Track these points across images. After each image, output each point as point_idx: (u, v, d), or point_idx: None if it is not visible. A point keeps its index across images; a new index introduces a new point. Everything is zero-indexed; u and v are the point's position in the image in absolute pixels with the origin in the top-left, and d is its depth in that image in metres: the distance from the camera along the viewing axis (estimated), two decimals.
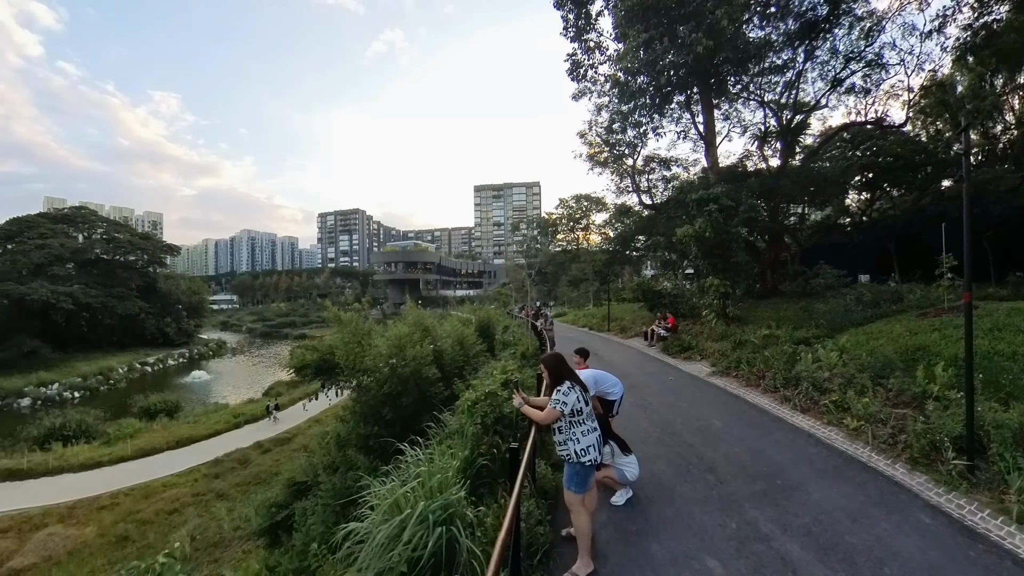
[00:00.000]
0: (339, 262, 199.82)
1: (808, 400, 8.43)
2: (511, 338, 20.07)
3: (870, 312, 13.65)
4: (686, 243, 17.69)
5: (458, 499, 4.38)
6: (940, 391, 6.93)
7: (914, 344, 9.13)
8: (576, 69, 24.38)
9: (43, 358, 51.96)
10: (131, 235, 74.75)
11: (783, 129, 24.19)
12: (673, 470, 6.11)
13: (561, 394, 4.05)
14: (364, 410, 12.77)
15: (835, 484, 5.55)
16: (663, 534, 4.64)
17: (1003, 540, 4.32)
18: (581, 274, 46.92)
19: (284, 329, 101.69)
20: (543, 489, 5.54)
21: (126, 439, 28.49)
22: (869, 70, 22.33)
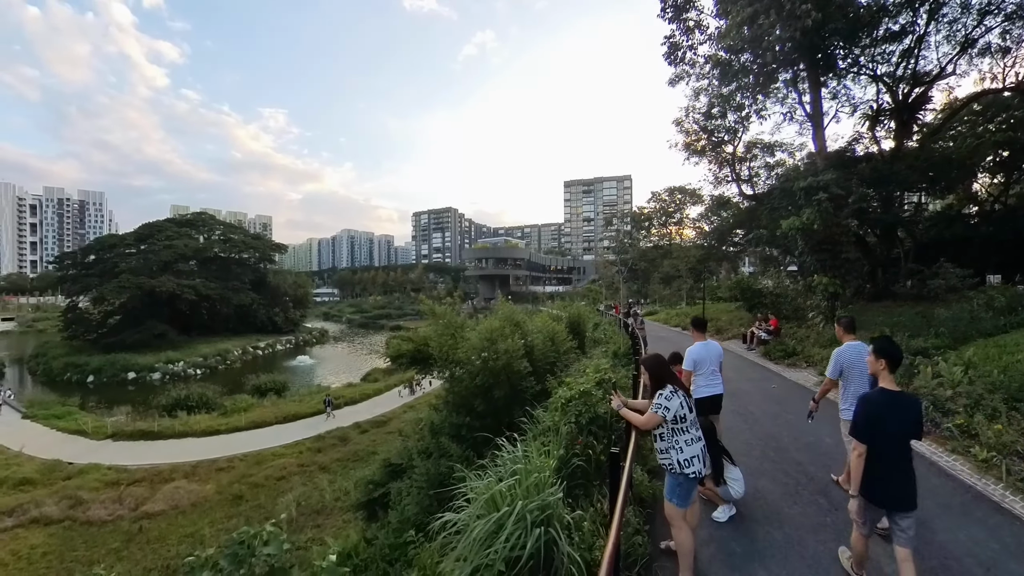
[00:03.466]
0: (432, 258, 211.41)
1: (928, 422, 7.67)
2: (602, 336, 19.95)
3: (1003, 320, 12.06)
4: (791, 236, 16.38)
5: (556, 500, 4.39)
6: None
7: None
8: (673, 52, 23.66)
9: (170, 340, 60.52)
10: (244, 236, 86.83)
11: (898, 105, 21.68)
12: (780, 489, 5.86)
13: (663, 399, 3.87)
14: (457, 400, 13.33)
15: (962, 524, 5.04)
16: (771, 560, 4.47)
17: None
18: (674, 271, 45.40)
19: (380, 320, 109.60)
20: (640, 497, 5.54)
21: (240, 412, 32.39)
22: (1009, 24, 19.42)
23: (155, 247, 67.67)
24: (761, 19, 17.13)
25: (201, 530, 18.21)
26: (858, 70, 22.56)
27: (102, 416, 33.67)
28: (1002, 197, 25.15)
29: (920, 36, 20.17)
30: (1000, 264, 21.76)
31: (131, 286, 59.53)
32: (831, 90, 23.65)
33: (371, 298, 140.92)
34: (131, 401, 40.48)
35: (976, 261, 20.17)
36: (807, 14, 15.89)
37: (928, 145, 22.25)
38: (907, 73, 21.28)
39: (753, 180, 29.23)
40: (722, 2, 20.00)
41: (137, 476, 22.97)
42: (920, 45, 20.46)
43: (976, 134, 22.35)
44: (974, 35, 19.91)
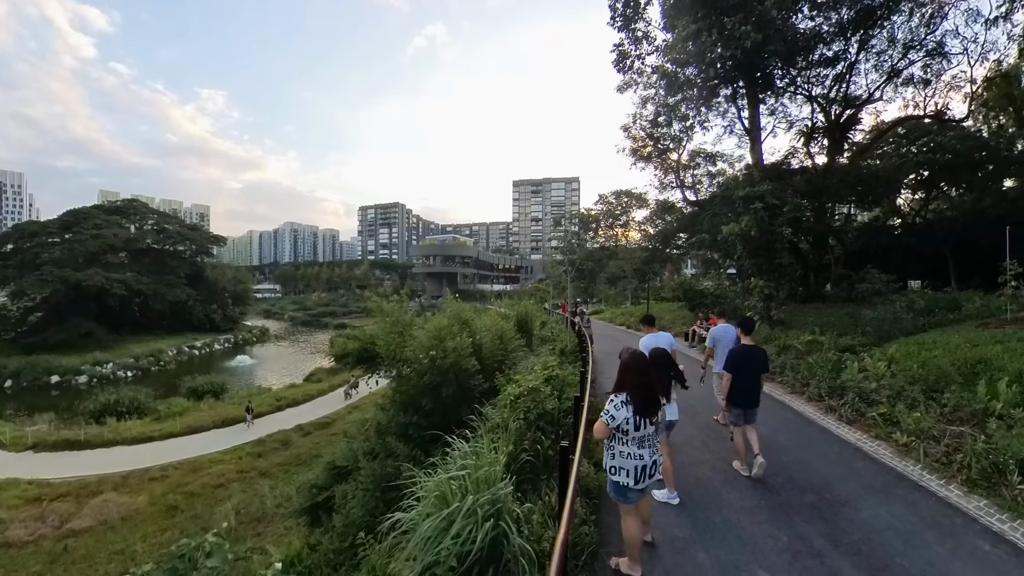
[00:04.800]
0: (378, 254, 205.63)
1: (854, 411, 8.20)
2: (549, 334, 20.12)
3: (922, 321, 13.10)
4: (731, 241, 17.29)
5: (506, 494, 4.41)
6: (1003, 409, 6.65)
7: (974, 357, 8.69)
8: (622, 60, 24.04)
9: (98, 340, 55.63)
10: (180, 226, 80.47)
11: (831, 125, 23.22)
12: (720, 476, 6.08)
13: (612, 407, 3.81)
14: (404, 399, 13.13)
15: (885, 502, 5.42)
16: (711, 543, 4.62)
17: None
18: (619, 272, 46.45)
19: (324, 318, 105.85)
20: (586, 488, 5.60)
21: (175, 417, 30.32)
22: (929, 59, 21.28)
23: (81, 236, 62.12)
24: (704, 36, 17.80)
25: (132, 546, 17.09)
26: (795, 90, 23.89)
27: (21, 425, 30.97)
28: (922, 212, 27.74)
29: (851, 63, 21.72)
30: (920, 271, 24.27)
31: (54, 279, 54.33)
32: (769, 107, 24.98)
33: (315, 295, 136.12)
34: (54, 407, 37.55)
35: (899, 268, 22.07)
36: (747, 35, 16.67)
37: (857, 162, 23.97)
38: (839, 96, 22.81)
39: (696, 187, 30.51)
40: (669, 16, 20.63)
41: (61, 490, 21.04)
42: (851, 71, 22.05)
43: (900, 155, 25.04)
44: (899, 66, 21.69)
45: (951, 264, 22.79)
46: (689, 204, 30.07)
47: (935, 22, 20.17)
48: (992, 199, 23.85)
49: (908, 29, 20.60)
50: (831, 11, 20.19)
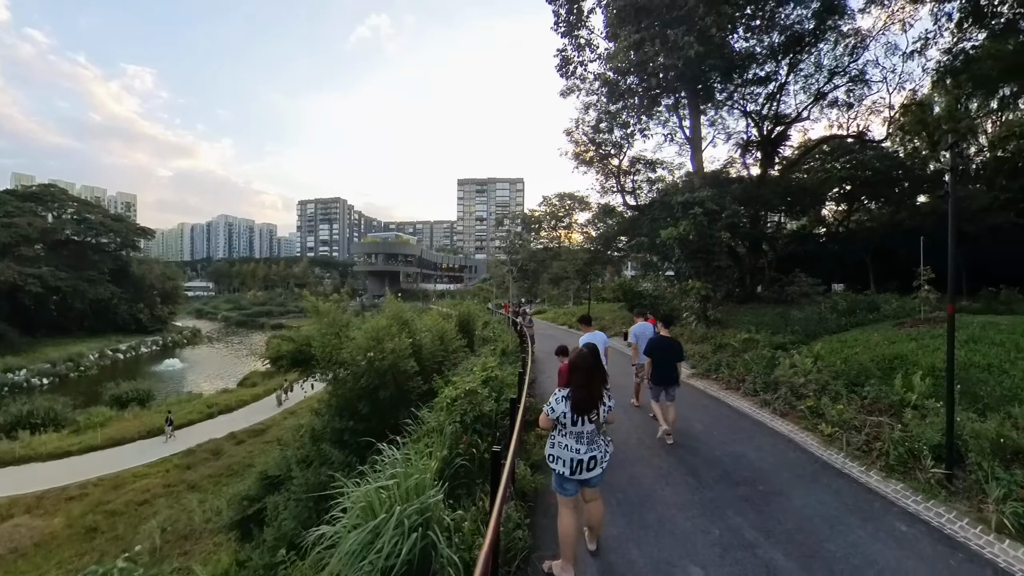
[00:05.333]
0: (318, 251, 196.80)
1: (786, 405, 8.49)
2: (491, 334, 19.94)
3: (845, 320, 13.84)
4: (670, 245, 17.80)
5: (436, 502, 4.22)
6: (918, 400, 7.02)
7: (891, 353, 9.20)
8: (566, 65, 24.31)
9: (10, 342, 50.50)
10: (103, 216, 72.76)
11: (764, 139, 24.61)
12: (655, 474, 6.05)
13: (554, 400, 3.92)
14: (340, 403, 12.67)
15: (813, 489, 5.57)
16: (645, 540, 4.55)
17: (983, 550, 4.37)
18: (562, 272, 46.96)
19: (260, 318, 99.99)
20: (522, 491, 5.44)
21: (96, 428, 27.87)
22: (852, 85, 23.05)
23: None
24: (647, 46, 18.23)
25: (46, 574, 15.62)
26: (732, 104, 25.16)
27: None
28: (845, 222, 29.94)
29: (782, 84, 23.25)
30: (843, 275, 26.35)
31: None
32: (709, 118, 26.13)
33: (250, 293, 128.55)
34: None
35: (824, 272, 23.67)
36: (690, 45, 17.22)
37: (788, 175, 25.62)
38: (771, 113, 24.37)
39: (636, 192, 31.10)
40: (612, 26, 21.04)
41: None
42: (781, 91, 23.61)
43: (825, 170, 26.73)
44: (825, 90, 23.36)
45: (870, 269, 24.73)
46: (629, 208, 30.83)
47: (858, 52, 21.97)
48: (907, 213, 25.88)
49: (833, 56, 22.35)
50: (764, 34, 21.61)
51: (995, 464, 5.26)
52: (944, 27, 17.16)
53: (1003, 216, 21.17)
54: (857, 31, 21.67)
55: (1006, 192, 22.36)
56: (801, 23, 20.84)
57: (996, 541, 4.45)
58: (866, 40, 21.72)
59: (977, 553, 4.31)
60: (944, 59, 18.23)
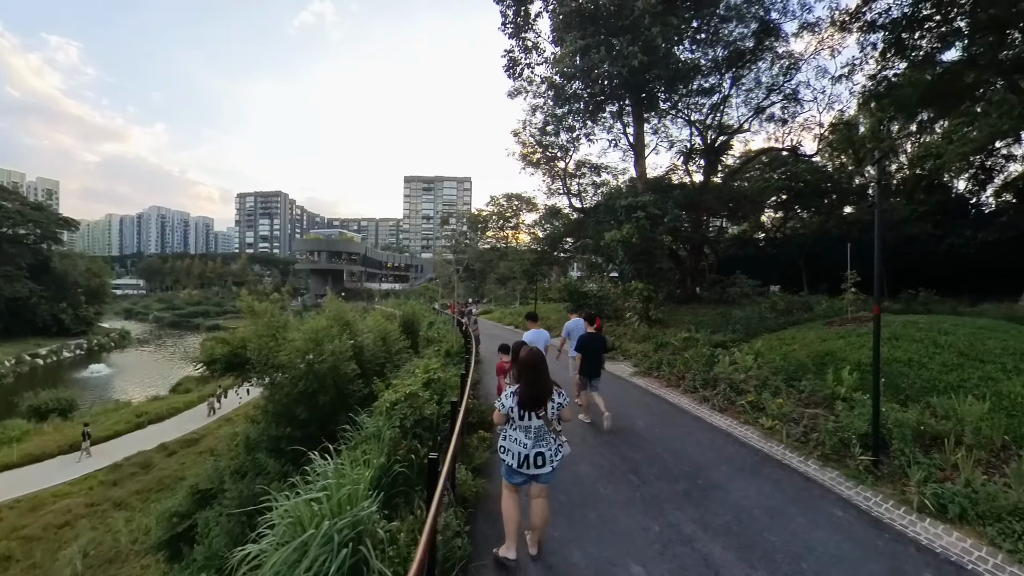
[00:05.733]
0: (258, 248, 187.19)
1: (725, 400, 8.70)
2: (436, 335, 19.61)
3: (783, 319, 14.45)
4: (613, 247, 18.11)
5: (369, 514, 3.99)
6: (847, 393, 7.38)
7: (823, 350, 9.63)
8: (513, 67, 24.15)
9: None
10: (21, 204, 65.16)
11: (707, 148, 25.56)
12: (597, 472, 5.97)
13: (504, 397, 4.06)
14: (277, 409, 12.16)
15: (753, 481, 5.67)
16: (586, 540, 4.46)
17: (906, 529, 4.65)
18: (509, 272, 46.93)
19: (196, 319, 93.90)
20: (463, 496, 5.23)
21: (11, 443, 25.16)
22: (787, 103, 24.42)
23: None
24: (592, 52, 18.35)
25: None
26: (676, 113, 25.96)
27: None
28: (781, 228, 31.63)
29: (725, 97, 24.26)
30: (779, 277, 27.91)
31: None
32: (653, 126, 26.87)
33: (185, 292, 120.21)
34: None
35: (762, 274, 25.17)
36: (634, 55, 17.49)
37: (729, 182, 26.78)
38: (714, 123, 25.35)
39: (582, 195, 31.44)
40: (558, 30, 21.05)
41: None
42: (724, 104, 24.63)
43: (764, 179, 28.17)
44: (763, 105, 24.62)
45: (804, 272, 26.31)
46: (575, 211, 31.17)
47: (792, 73, 23.40)
48: (835, 222, 27.80)
49: (771, 75, 23.68)
50: (708, 48, 22.59)
51: (916, 450, 5.70)
52: (869, 55, 18.42)
53: (920, 227, 23.27)
54: (791, 54, 23.16)
55: (923, 206, 24.75)
56: (743, 40, 21.88)
57: (918, 520, 4.77)
58: (799, 62, 23.21)
59: (902, 533, 4.59)
60: (869, 84, 19.64)
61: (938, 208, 24.94)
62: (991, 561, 4.11)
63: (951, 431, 5.87)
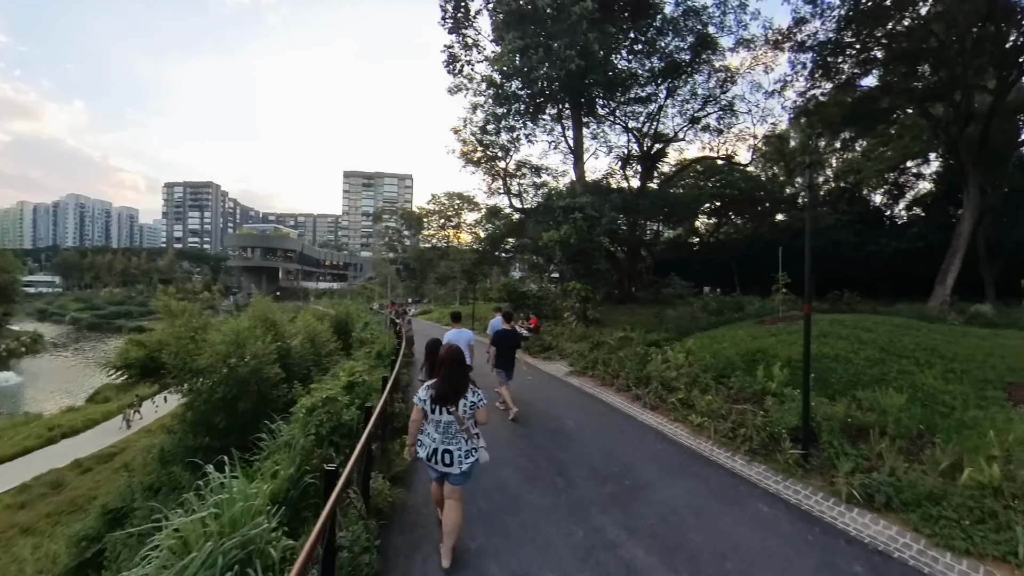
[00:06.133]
0: (187, 243, 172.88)
1: (657, 398, 8.67)
2: (369, 336, 19.00)
3: (715, 319, 14.83)
4: (551, 247, 18.24)
5: (262, 532, 3.64)
6: (778, 388, 7.49)
7: (754, 347, 9.82)
8: (453, 62, 23.86)
9: None
10: None
11: (644, 154, 26.43)
12: (521, 476, 5.67)
13: (422, 390, 4.08)
14: (195, 418, 11.48)
15: (680, 480, 5.56)
16: (504, 550, 4.13)
17: (835, 520, 4.65)
18: (449, 272, 46.31)
19: (117, 321, 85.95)
20: (377, 508, 4.82)
21: None
22: (723, 114, 25.64)
23: None
24: (531, 53, 18.39)
25: None
26: (614, 120, 26.64)
27: None
28: (715, 233, 33.26)
29: (661, 106, 25.18)
30: (713, 279, 29.26)
31: None
32: (592, 131, 27.41)
33: (106, 290, 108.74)
34: None
35: (697, 276, 26.16)
36: (571, 59, 17.64)
37: (665, 188, 27.66)
38: (651, 131, 26.19)
39: (522, 195, 31.58)
40: (497, 28, 21.06)
41: None
42: (660, 113, 25.56)
43: (699, 187, 29.18)
44: (699, 115, 25.69)
45: (736, 274, 27.65)
46: (515, 211, 31.31)
47: (727, 86, 24.68)
48: (767, 228, 29.45)
49: (707, 87, 24.85)
50: (646, 58, 23.28)
51: (844, 441, 5.82)
52: (800, 73, 19.45)
53: (844, 234, 24.98)
54: (727, 68, 24.40)
55: (846, 215, 26.71)
56: (679, 53, 22.68)
57: (846, 511, 4.79)
58: (735, 76, 24.56)
59: (831, 525, 4.58)
60: (799, 101, 20.74)
61: (859, 218, 26.96)
62: (914, 547, 4.19)
63: (875, 423, 6.04)
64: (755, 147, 28.68)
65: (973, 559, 4.01)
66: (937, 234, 21.52)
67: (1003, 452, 5.01)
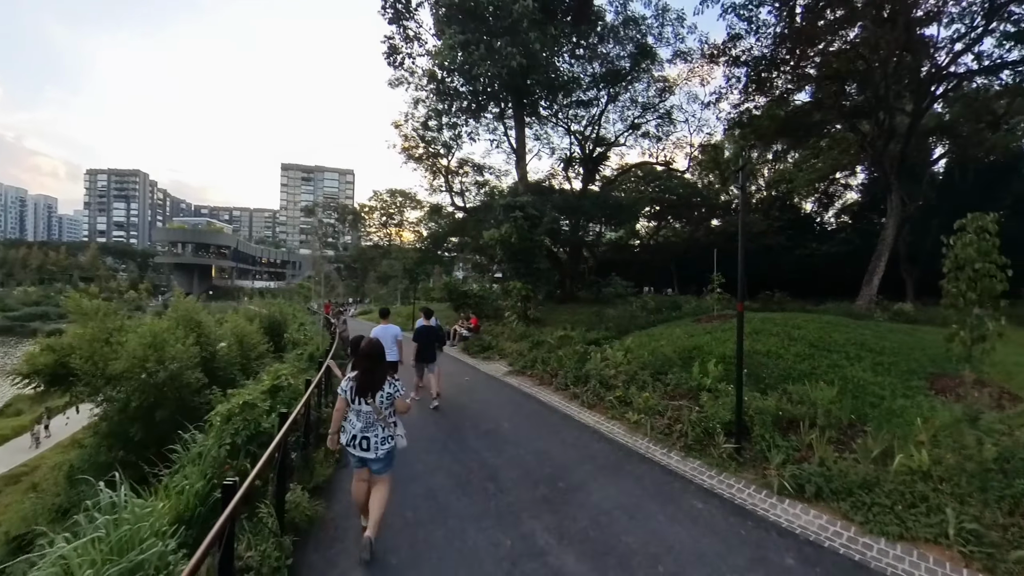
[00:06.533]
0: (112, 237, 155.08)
1: (595, 397, 8.60)
2: (303, 337, 18.26)
3: (653, 317, 15.09)
4: (492, 246, 18.16)
5: (154, 557, 3.33)
6: (712, 384, 7.57)
7: (690, 345, 9.95)
8: (394, 54, 23.15)
9: None
10: None
11: (586, 157, 26.91)
12: (452, 483, 5.39)
13: (345, 381, 4.23)
14: (109, 430, 10.50)
15: (615, 480, 5.44)
16: (426, 564, 3.86)
17: (768, 513, 4.67)
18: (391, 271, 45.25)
19: (33, 323, 79.21)
20: (293, 523, 4.42)
21: None
22: (661, 122, 26.57)
23: None
24: (472, 49, 18.15)
25: None
26: (557, 122, 26.97)
27: None
28: (655, 236, 34.63)
29: (602, 111, 25.68)
30: (652, 279, 31.21)
31: None
32: (535, 132, 27.69)
33: (20, 289, 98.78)
34: None
35: (637, 276, 27.26)
36: (513, 56, 17.59)
37: (607, 191, 28.24)
38: (593, 135, 26.63)
39: (465, 193, 31.39)
40: (439, 22, 20.76)
41: None
42: (602, 117, 26.10)
43: (639, 191, 30.63)
44: (639, 122, 26.45)
45: (674, 275, 28.69)
46: (458, 209, 31.03)
47: (666, 96, 25.65)
48: (703, 232, 30.89)
49: (646, 95, 25.63)
50: (587, 63, 23.66)
51: (775, 434, 5.92)
52: (735, 87, 20.14)
53: (776, 239, 26.67)
54: (665, 78, 25.26)
55: (778, 221, 28.29)
56: (620, 60, 23.12)
57: (778, 503, 4.84)
58: (672, 87, 25.53)
59: (763, 518, 4.58)
60: (734, 113, 21.54)
61: (790, 224, 28.92)
62: (844, 535, 4.25)
63: (806, 415, 6.17)
64: (692, 155, 29.97)
65: (907, 543, 4.10)
66: (863, 239, 23.35)
67: (930, 438, 5.22)
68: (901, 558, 3.94)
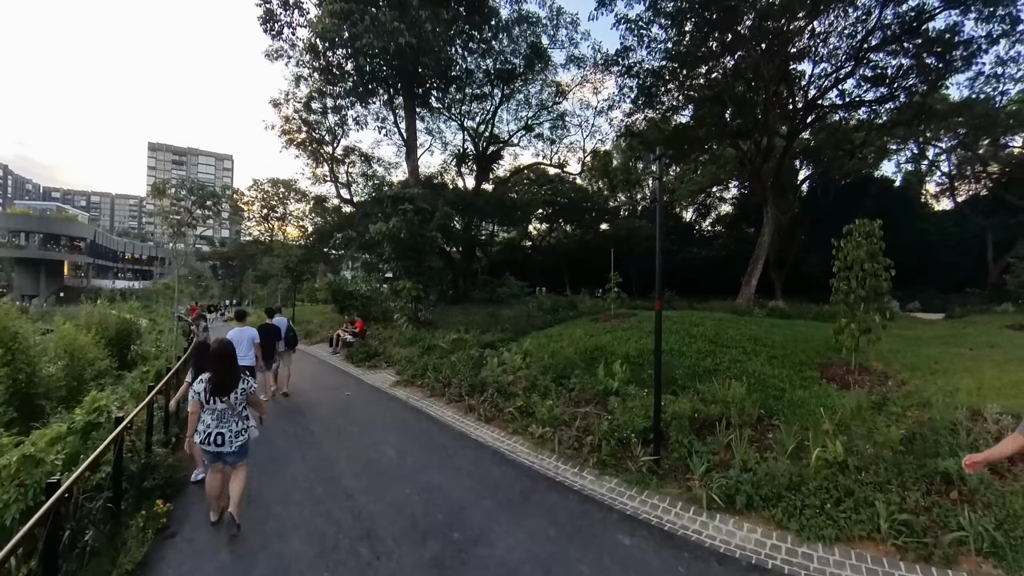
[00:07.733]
0: None
1: (493, 408, 7.49)
2: (156, 348, 15.06)
3: (550, 317, 14.53)
4: (379, 241, 16.58)
5: None
6: (620, 386, 7.05)
7: (592, 345, 9.41)
8: (271, 21, 20.22)
9: None
10: None
11: (480, 154, 26.21)
12: (314, 549, 3.87)
13: (197, 383, 4.17)
14: None
15: (522, 519, 4.31)
16: None
17: (702, 537, 4.08)
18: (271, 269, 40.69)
19: None
20: None
21: None
22: (554, 125, 26.68)
23: None
24: (355, 19, 16.51)
25: None
26: (450, 116, 25.95)
27: None
28: (547, 238, 35.70)
29: (497, 108, 25.13)
30: (546, 280, 31.74)
31: None
32: (427, 125, 26.60)
33: None
34: None
35: (530, 277, 27.45)
36: (400, 32, 16.11)
37: (500, 191, 27.86)
38: (487, 132, 26.00)
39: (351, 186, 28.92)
40: None
41: None
42: (495, 116, 25.56)
43: (532, 192, 30.85)
44: (532, 123, 26.33)
45: (567, 276, 29.17)
46: (344, 202, 28.83)
47: (559, 99, 25.91)
48: (594, 234, 32.20)
49: (540, 98, 25.65)
50: (480, 59, 22.88)
51: (693, 439, 5.48)
52: (626, 96, 20.54)
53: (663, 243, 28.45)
54: (558, 84, 25.47)
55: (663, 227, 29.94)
56: (515, 57, 22.63)
57: (710, 520, 4.32)
58: (566, 92, 25.78)
59: (699, 544, 3.97)
60: (625, 122, 22.25)
61: (674, 230, 31.37)
62: (783, 548, 3.87)
63: (720, 414, 5.85)
64: (584, 161, 30.40)
65: (843, 544, 3.84)
66: (738, 246, 26.32)
67: (834, 426, 5.14)
68: (841, 563, 3.67)
